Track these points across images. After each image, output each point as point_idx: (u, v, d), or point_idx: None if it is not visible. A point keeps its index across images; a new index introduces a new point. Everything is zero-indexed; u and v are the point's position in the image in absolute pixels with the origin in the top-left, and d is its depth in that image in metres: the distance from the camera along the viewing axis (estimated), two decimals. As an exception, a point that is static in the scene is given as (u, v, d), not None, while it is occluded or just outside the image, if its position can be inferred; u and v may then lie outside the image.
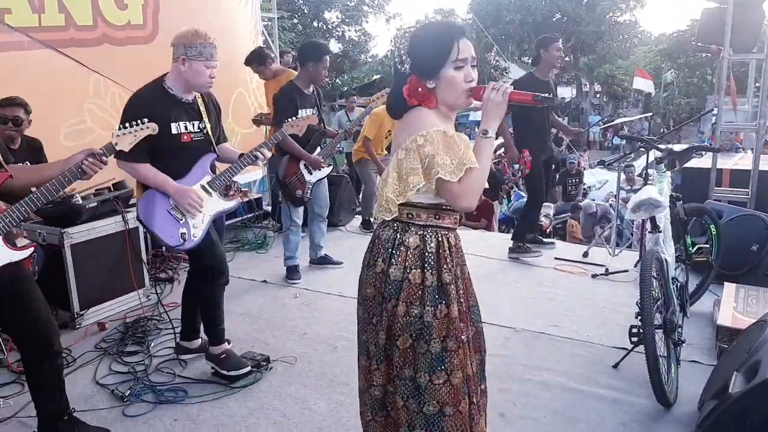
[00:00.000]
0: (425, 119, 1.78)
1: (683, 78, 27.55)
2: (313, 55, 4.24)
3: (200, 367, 3.15)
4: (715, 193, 5.29)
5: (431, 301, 1.78)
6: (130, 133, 2.46)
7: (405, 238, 1.80)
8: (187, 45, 2.69)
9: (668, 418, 2.70)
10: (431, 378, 1.78)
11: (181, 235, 2.77)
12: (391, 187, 1.78)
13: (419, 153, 1.73)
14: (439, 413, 1.79)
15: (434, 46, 1.79)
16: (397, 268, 1.78)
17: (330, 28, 28.12)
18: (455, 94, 1.81)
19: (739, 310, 3.41)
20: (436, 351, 1.78)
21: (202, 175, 2.87)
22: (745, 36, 5.29)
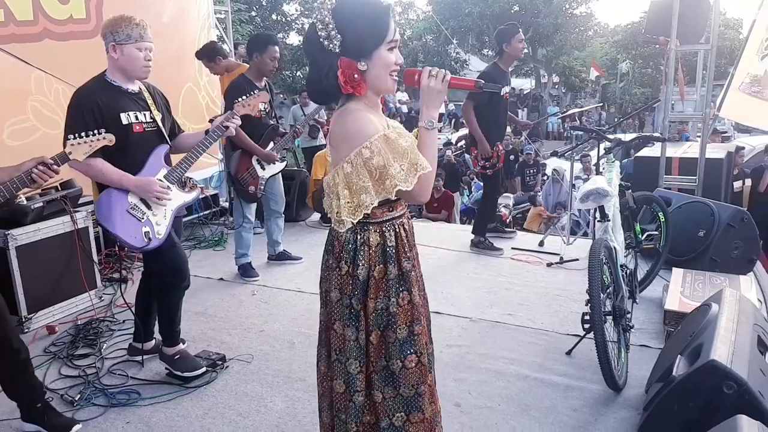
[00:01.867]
0: (364, 126, 1.67)
1: (638, 68, 28.17)
2: (258, 46, 4.21)
3: (154, 368, 3.10)
4: (665, 181, 5.44)
5: (395, 291, 1.77)
6: (86, 143, 2.38)
7: (366, 237, 1.75)
8: (113, 31, 2.61)
9: (618, 402, 2.77)
10: (404, 363, 1.79)
11: (145, 234, 2.68)
12: (345, 207, 1.70)
13: (367, 167, 1.66)
14: (415, 394, 1.82)
15: (371, 24, 1.67)
16: (363, 267, 1.75)
17: (289, 21, 27.77)
18: (385, 78, 1.72)
19: (686, 294, 3.52)
20: (403, 337, 1.79)
21: (158, 167, 2.78)
22: (692, 27, 5.44)
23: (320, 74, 1.70)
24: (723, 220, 4.19)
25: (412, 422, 1.82)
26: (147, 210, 2.73)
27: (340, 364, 1.81)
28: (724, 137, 12.57)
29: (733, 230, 4.19)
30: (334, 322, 1.81)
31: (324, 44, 1.66)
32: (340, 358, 1.81)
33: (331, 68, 1.68)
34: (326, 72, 1.69)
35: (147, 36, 2.67)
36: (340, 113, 1.73)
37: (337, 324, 1.81)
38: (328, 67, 1.68)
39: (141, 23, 2.65)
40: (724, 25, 21.76)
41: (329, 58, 1.68)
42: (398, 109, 20.03)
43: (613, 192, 3.23)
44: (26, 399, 2.52)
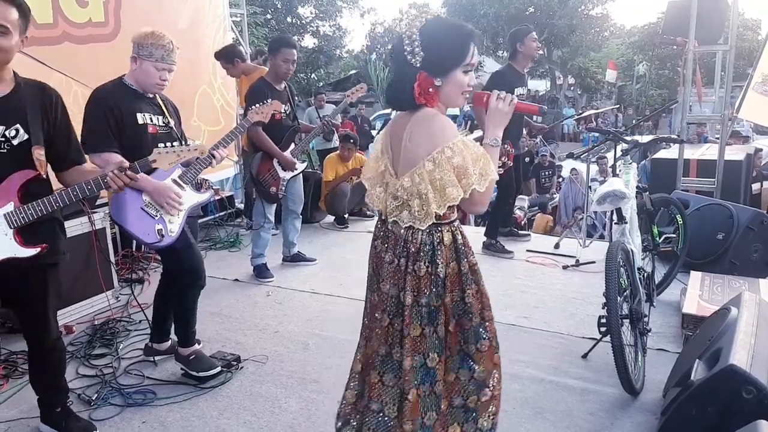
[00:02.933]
0: (447, 128, 1.82)
1: (655, 70, 27.92)
2: (271, 49, 4.29)
3: (170, 368, 3.12)
4: (682, 183, 5.39)
5: (468, 284, 1.91)
6: (174, 152, 2.37)
7: (440, 236, 1.87)
8: (139, 44, 2.69)
9: (635, 406, 2.74)
10: (478, 347, 1.95)
11: (158, 232, 2.72)
12: (434, 202, 1.80)
13: (450, 164, 1.77)
14: (489, 375, 1.97)
15: (453, 47, 1.83)
16: (443, 265, 1.87)
17: (304, 24, 27.92)
18: (457, 96, 1.87)
19: (705, 298, 3.47)
20: (477, 323, 1.94)
21: (173, 169, 2.81)
22: (710, 28, 5.39)
23: (399, 82, 1.88)
24: (742, 223, 4.14)
25: (482, 401, 1.97)
26: (161, 208, 2.77)
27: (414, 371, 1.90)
28: (744, 139, 12.41)
29: (753, 233, 4.14)
30: (408, 324, 1.89)
31: (407, 58, 1.82)
32: (416, 357, 1.90)
33: (411, 79, 1.83)
34: (405, 81, 1.85)
35: (169, 59, 2.72)
36: (419, 116, 1.85)
37: (412, 326, 1.89)
38: (408, 78, 1.84)
39: (168, 46, 2.70)
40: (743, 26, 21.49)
41: (410, 70, 1.83)
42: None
43: (630, 194, 3.20)
44: (49, 397, 2.52)
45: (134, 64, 2.72)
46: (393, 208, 1.92)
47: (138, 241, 2.78)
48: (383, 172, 1.99)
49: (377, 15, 37.86)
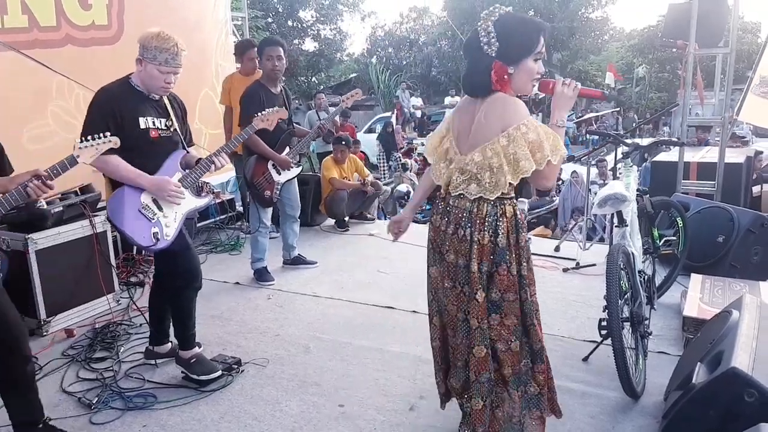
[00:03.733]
0: (520, 109, 2.02)
1: (654, 73, 27.96)
2: (258, 52, 4.41)
3: (171, 371, 3.12)
4: (683, 185, 5.39)
5: (525, 257, 2.13)
6: (92, 146, 2.41)
7: (504, 210, 2.08)
8: (144, 46, 2.66)
9: (636, 410, 2.73)
10: (533, 321, 2.16)
11: (154, 235, 2.72)
12: (508, 172, 2.01)
13: (525, 140, 1.97)
14: (540, 347, 2.19)
15: (524, 36, 2.03)
16: (503, 236, 2.07)
17: (305, 27, 27.91)
18: (527, 82, 2.08)
19: (705, 300, 3.47)
20: (525, 296, 2.13)
21: (173, 171, 2.81)
22: (711, 31, 5.39)
23: (475, 70, 2.08)
24: (743, 226, 4.14)
25: (536, 372, 2.20)
26: (158, 211, 2.77)
27: (481, 331, 2.11)
28: (743, 142, 12.43)
29: (753, 235, 4.13)
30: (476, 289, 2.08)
31: (483, 48, 2.03)
32: (482, 324, 2.11)
33: (486, 68, 2.03)
34: (481, 70, 2.05)
35: (174, 62, 2.68)
36: (494, 99, 2.05)
37: (479, 291, 2.08)
38: (484, 67, 2.04)
39: (173, 49, 2.65)
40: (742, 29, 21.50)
41: (485, 59, 2.04)
42: (412, 114, 20.03)
43: (631, 197, 3.20)
44: (20, 415, 2.42)
45: (139, 66, 2.70)
46: (460, 182, 2.12)
47: (132, 243, 2.77)
48: (448, 149, 2.21)
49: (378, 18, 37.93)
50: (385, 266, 4.84)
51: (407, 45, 29.92)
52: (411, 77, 25.06)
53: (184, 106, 3.02)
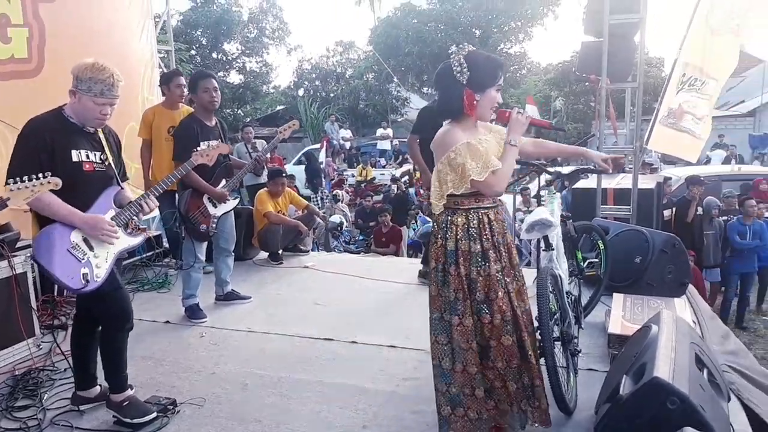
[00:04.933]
0: (454, 137, 2.42)
1: (570, 105, 29.50)
2: (191, 87, 4.31)
3: (101, 416, 2.97)
4: (601, 210, 5.71)
5: (475, 263, 2.45)
6: (27, 188, 2.30)
7: (453, 218, 2.48)
8: (78, 77, 2.59)
9: (569, 425, 2.84)
10: (480, 319, 2.48)
11: (83, 276, 2.60)
12: (435, 193, 2.49)
13: (452, 165, 2.41)
14: (487, 345, 2.50)
15: (491, 69, 2.44)
16: (451, 241, 2.46)
17: (230, 60, 27.81)
18: (488, 109, 2.47)
19: (627, 318, 3.68)
20: (481, 299, 2.45)
21: (106, 208, 2.73)
22: (620, 66, 5.81)
23: (450, 97, 2.47)
24: (657, 246, 4.41)
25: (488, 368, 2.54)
26: (89, 251, 2.67)
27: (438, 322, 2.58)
28: (652, 169, 13.30)
29: (666, 255, 4.41)
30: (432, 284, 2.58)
31: (456, 76, 2.40)
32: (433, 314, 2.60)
33: (459, 94, 2.43)
34: (456, 96, 2.44)
35: (110, 93, 2.62)
36: (439, 131, 2.51)
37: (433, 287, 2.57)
38: (457, 93, 2.43)
39: (108, 80, 2.59)
40: (648, 63, 23.12)
41: (458, 86, 2.42)
42: (342, 145, 20.21)
43: (556, 222, 3.36)
44: None
45: (73, 98, 2.61)
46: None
47: (60, 285, 2.65)
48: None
49: (304, 52, 38.18)
50: (322, 298, 4.83)
51: (334, 78, 30.30)
52: (339, 110, 25.33)
53: (119, 140, 2.96)
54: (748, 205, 7.80)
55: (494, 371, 2.53)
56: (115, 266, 2.81)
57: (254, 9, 28.12)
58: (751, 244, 7.68)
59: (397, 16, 28.38)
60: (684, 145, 6.81)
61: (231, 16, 26.39)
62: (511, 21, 27.18)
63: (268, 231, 5.79)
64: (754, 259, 7.83)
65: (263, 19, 28.28)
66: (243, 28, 27.58)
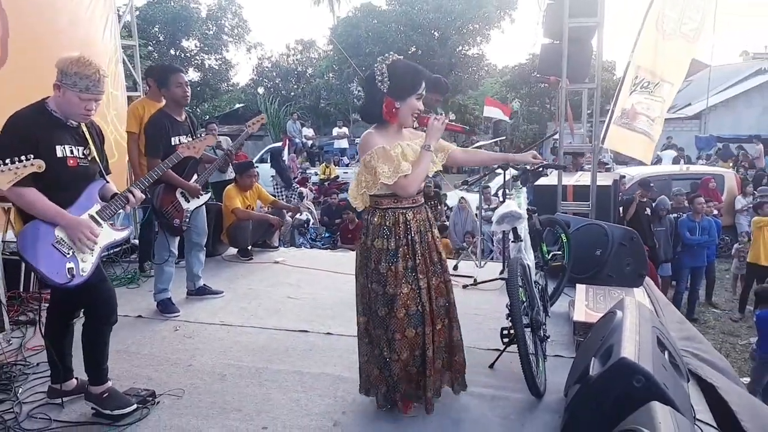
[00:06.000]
0: (371, 142, 2.59)
1: (526, 106, 30.13)
2: (161, 80, 4.28)
3: (79, 409, 2.96)
4: (562, 206, 5.92)
5: (386, 259, 2.62)
6: (11, 170, 2.29)
7: (372, 218, 2.66)
8: (63, 72, 2.57)
9: (540, 407, 2.99)
10: (387, 311, 2.66)
11: (69, 271, 2.60)
12: (351, 190, 2.75)
13: (367, 167, 2.59)
14: (392, 338, 2.68)
15: (410, 79, 2.57)
16: (369, 239, 2.66)
17: (188, 57, 27.35)
18: (409, 116, 2.61)
19: (590, 307, 3.86)
20: (390, 293, 2.63)
21: (90, 203, 2.73)
22: (578, 68, 6.03)
23: (371, 103, 2.63)
24: (616, 240, 4.64)
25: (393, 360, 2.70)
26: (74, 245, 2.66)
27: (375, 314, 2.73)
28: (606, 168, 13.76)
29: (625, 248, 4.64)
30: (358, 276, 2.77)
31: (377, 84, 2.54)
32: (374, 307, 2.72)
33: (379, 101, 2.58)
34: (376, 102, 2.59)
35: (96, 89, 2.60)
36: (361, 138, 2.68)
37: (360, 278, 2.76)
38: (378, 100, 2.58)
39: (93, 76, 2.57)
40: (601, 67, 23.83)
41: (379, 94, 2.57)
42: (304, 144, 20.16)
43: (524, 215, 3.52)
44: None
45: (57, 92, 2.60)
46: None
47: (44, 279, 2.62)
48: None
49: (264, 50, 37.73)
50: (294, 292, 4.88)
51: (295, 76, 30.15)
52: (300, 108, 25.23)
53: (102, 133, 2.94)
54: (697, 203, 8.21)
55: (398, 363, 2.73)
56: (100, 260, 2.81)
57: (213, 6, 27.76)
58: (700, 240, 8.10)
59: (357, 16, 28.44)
60: (638, 146, 7.14)
61: (189, 13, 26.00)
62: (469, 23, 27.53)
63: (237, 227, 5.79)
64: (703, 254, 8.25)
65: (222, 16, 27.93)
66: (201, 25, 27.19)
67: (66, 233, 2.62)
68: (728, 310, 8.65)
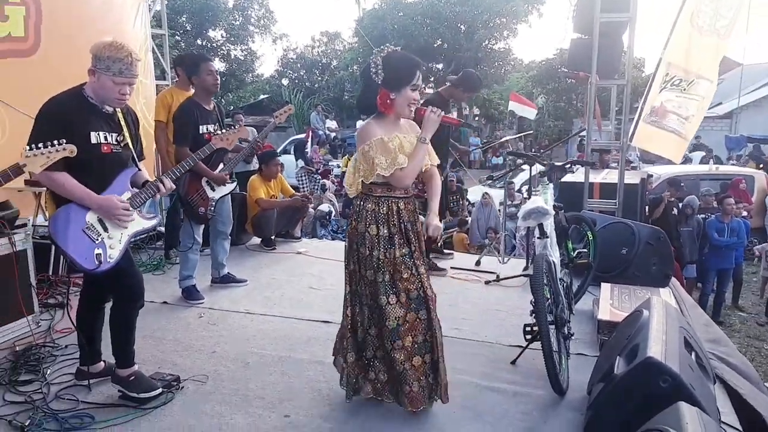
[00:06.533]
0: (370, 132, 2.61)
1: (552, 102, 29.81)
2: (192, 68, 4.33)
3: (105, 391, 3.01)
4: (588, 204, 5.86)
5: (383, 246, 2.63)
6: (43, 154, 2.34)
7: (366, 204, 2.66)
8: (96, 56, 2.60)
9: (563, 405, 2.97)
10: (388, 300, 2.64)
11: (97, 257, 2.64)
12: (348, 177, 2.74)
13: (365, 157, 2.60)
14: (397, 326, 2.65)
15: (405, 70, 2.58)
16: (362, 224, 2.64)
17: (215, 47, 27.54)
18: (405, 107, 2.61)
19: (615, 305, 3.82)
20: (387, 280, 2.63)
21: (122, 190, 2.76)
22: (609, 64, 5.93)
23: (366, 94, 2.67)
24: (642, 239, 4.58)
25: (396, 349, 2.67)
26: (103, 232, 2.71)
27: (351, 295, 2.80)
28: (632, 167, 13.58)
29: (651, 248, 4.58)
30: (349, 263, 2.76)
31: (372, 76, 2.57)
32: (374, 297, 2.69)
33: (374, 92, 2.61)
34: (370, 94, 2.62)
35: (129, 72, 2.62)
36: (360, 127, 2.71)
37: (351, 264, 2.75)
38: (372, 91, 2.61)
39: (126, 59, 2.59)
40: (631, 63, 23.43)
41: (374, 85, 2.59)
42: (328, 135, 20.21)
43: (551, 211, 3.49)
44: None
45: (92, 77, 2.63)
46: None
47: (74, 264, 2.66)
48: None
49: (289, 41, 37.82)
50: (316, 283, 4.91)
51: (319, 68, 30.20)
52: (324, 100, 25.28)
53: (137, 118, 2.98)
54: (727, 203, 8.06)
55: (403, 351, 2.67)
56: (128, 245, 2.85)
57: (240, -4, 27.89)
58: (729, 242, 7.95)
59: (383, 8, 28.35)
60: (667, 144, 7.01)
61: (216, 3, 26.18)
62: (496, 17, 27.27)
63: (262, 217, 5.83)
64: (731, 256, 8.10)
65: (249, 6, 28.06)
66: (228, 15, 27.35)
67: (99, 215, 2.66)
68: (755, 313, 8.50)
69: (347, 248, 2.75)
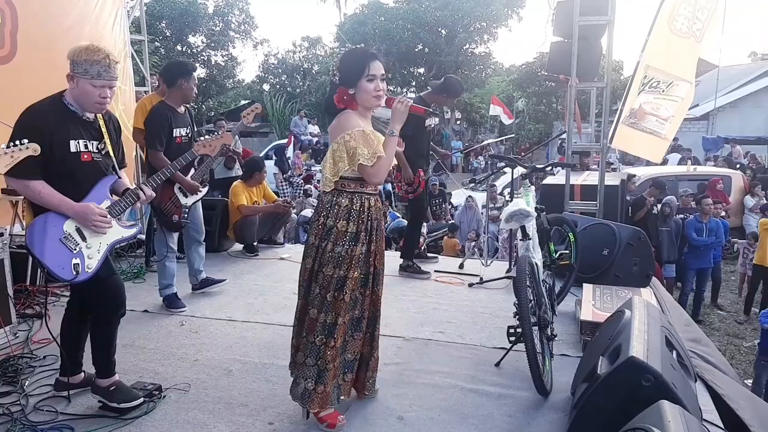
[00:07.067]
0: (350, 121, 2.60)
1: (532, 105, 30.06)
2: (182, 73, 4.20)
3: (85, 402, 2.96)
4: (569, 205, 5.91)
5: (346, 242, 2.60)
6: (6, 154, 2.30)
7: (339, 199, 2.61)
8: (74, 61, 2.56)
9: (546, 406, 2.99)
10: (335, 295, 2.61)
11: (74, 267, 2.59)
12: (329, 169, 2.60)
13: (346, 147, 2.55)
14: (333, 323, 2.62)
15: (354, 64, 2.60)
16: (331, 219, 2.60)
17: (195, 53, 27.35)
18: (368, 98, 2.61)
19: (598, 306, 3.85)
20: (340, 276, 2.59)
21: (101, 198, 2.72)
22: (588, 67, 6.00)
23: (329, 96, 2.69)
24: (623, 240, 4.62)
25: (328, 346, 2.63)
26: (81, 242, 2.66)
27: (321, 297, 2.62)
28: (612, 168, 13.74)
29: (632, 248, 4.62)
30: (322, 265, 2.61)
31: (332, 78, 2.66)
32: (322, 291, 2.61)
33: (334, 92, 2.64)
34: (331, 95, 2.66)
35: (108, 74, 2.58)
36: (337, 116, 2.66)
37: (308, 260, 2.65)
38: (333, 92, 2.65)
39: (104, 61, 2.56)
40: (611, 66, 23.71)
41: (334, 87, 2.65)
42: (310, 141, 20.15)
43: (533, 213, 3.51)
44: None
45: (71, 83, 2.59)
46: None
47: (51, 275, 2.62)
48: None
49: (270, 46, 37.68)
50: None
51: (301, 73, 30.12)
52: (306, 105, 25.22)
53: (119, 124, 2.94)
54: (705, 204, 8.18)
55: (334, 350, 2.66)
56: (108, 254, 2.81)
57: (220, 2, 27.69)
58: (707, 241, 8.07)
59: (365, 13, 28.40)
60: (646, 146, 7.09)
61: (196, 8, 25.97)
62: (476, 21, 27.45)
63: (244, 223, 5.79)
64: (710, 255, 8.21)
65: (229, 12, 27.88)
66: (208, 21, 27.17)
67: (77, 222, 2.62)
68: (733, 312, 8.62)
69: (308, 243, 2.68)
